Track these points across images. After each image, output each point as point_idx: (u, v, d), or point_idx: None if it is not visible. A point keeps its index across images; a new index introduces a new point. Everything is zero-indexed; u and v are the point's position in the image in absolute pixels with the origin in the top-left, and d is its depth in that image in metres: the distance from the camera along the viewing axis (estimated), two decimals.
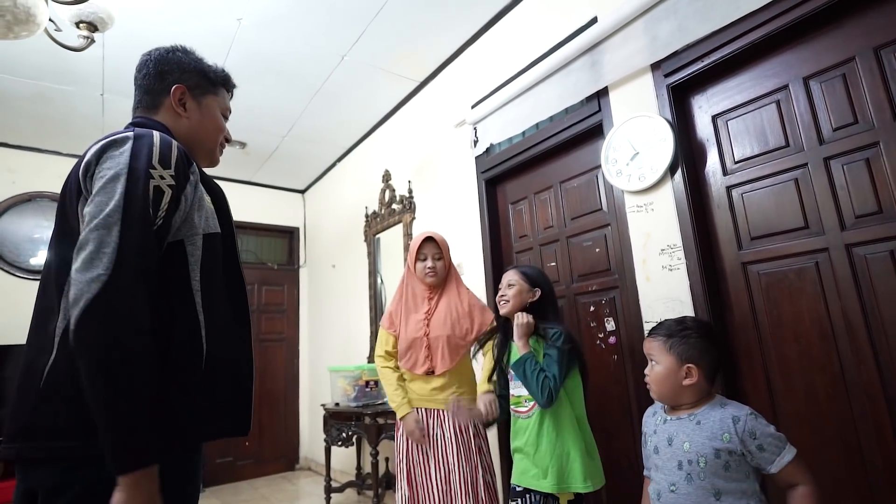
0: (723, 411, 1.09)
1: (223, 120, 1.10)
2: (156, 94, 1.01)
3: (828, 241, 1.39)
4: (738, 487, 1.04)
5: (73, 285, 0.73)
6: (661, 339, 1.17)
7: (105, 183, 0.79)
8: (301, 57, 2.77)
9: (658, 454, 1.16)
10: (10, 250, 3.48)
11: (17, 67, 2.70)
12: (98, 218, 0.76)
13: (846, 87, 1.37)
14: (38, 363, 0.78)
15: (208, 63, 1.08)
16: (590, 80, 1.99)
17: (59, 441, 0.75)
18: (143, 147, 0.84)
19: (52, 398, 0.76)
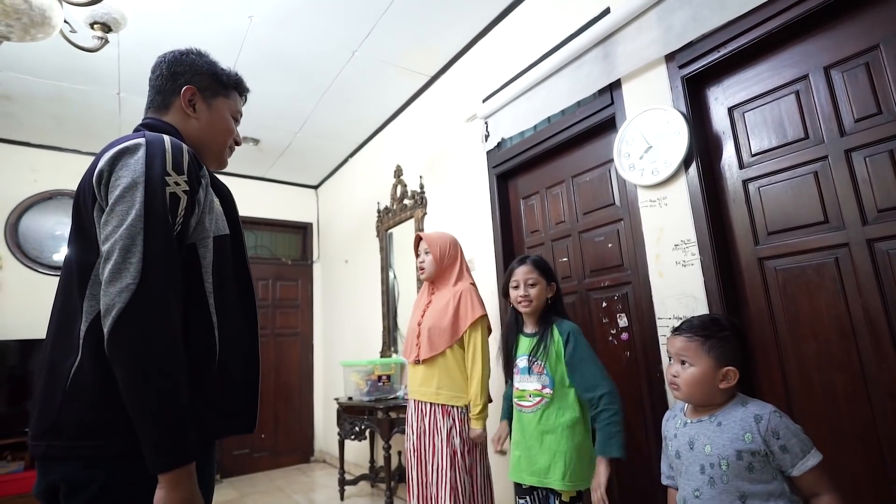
0: (744, 410, 1.04)
1: (233, 123, 1.11)
2: (167, 95, 1.02)
3: (848, 235, 1.34)
4: (764, 489, 0.99)
5: (103, 297, 0.75)
6: (698, 341, 1.09)
7: (123, 192, 0.80)
8: (312, 54, 2.77)
9: (680, 459, 1.11)
10: (33, 247, 3.58)
11: (38, 69, 2.76)
12: (121, 228, 0.78)
13: (869, 76, 1.33)
14: (65, 364, 0.80)
15: (222, 66, 1.08)
16: (602, 72, 1.96)
17: (84, 440, 0.78)
18: (157, 154, 0.85)
19: (77, 399, 0.79)
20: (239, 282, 0.98)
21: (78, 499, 0.77)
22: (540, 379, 1.52)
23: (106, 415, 0.78)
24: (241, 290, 0.98)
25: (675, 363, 1.13)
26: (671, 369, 1.13)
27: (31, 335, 3.29)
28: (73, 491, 0.77)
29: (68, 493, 0.78)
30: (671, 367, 1.14)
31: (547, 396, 1.51)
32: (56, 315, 0.88)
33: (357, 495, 3.33)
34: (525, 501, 1.55)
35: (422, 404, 1.89)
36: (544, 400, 1.51)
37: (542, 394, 1.52)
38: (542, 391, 1.52)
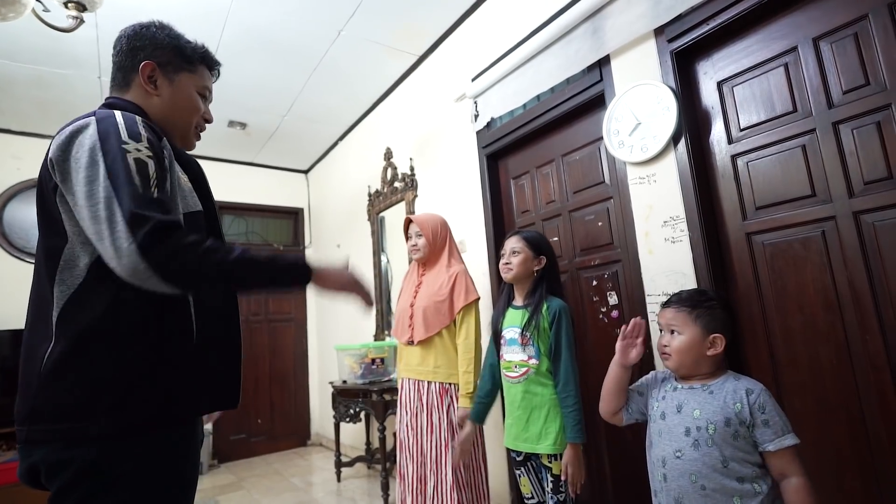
0: (737, 383, 1.10)
1: (200, 100, 1.05)
2: (127, 72, 0.97)
3: (835, 208, 1.34)
4: (744, 457, 1.05)
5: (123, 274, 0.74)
6: (685, 310, 1.15)
7: (85, 171, 0.77)
8: (297, 32, 2.71)
9: (665, 420, 1.16)
10: (19, 236, 3.53)
11: (15, 52, 2.68)
12: (98, 205, 0.75)
13: (858, 48, 1.31)
14: (39, 350, 0.80)
15: (187, 39, 1.02)
16: (591, 48, 1.93)
17: (61, 423, 0.77)
18: (109, 127, 0.82)
19: (52, 383, 0.78)
20: None
21: (58, 480, 0.77)
22: (526, 350, 1.54)
23: (82, 398, 0.77)
24: None
25: (665, 333, 1.18)
26: (662, 339, 1.19)
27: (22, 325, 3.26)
28: (52, 472, 0.78)
29: (49, 474, 0.78)
30: (662, 337, 1.19)
31: (532, 367, 1.53)
32: (31, 303, 0.87)
33: (354, 476, 3.37)
34: (521, 472, 1.60)
35: (419, 383, 1.90)
36: (530, 370, 1.53)
37: (528, 364, 1.54)
38: (527, 362, 1.54)
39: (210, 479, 3.61)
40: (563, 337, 1.51)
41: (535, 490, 1.57)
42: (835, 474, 1.35)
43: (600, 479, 2.01)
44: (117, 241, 0.73)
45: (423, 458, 1.82)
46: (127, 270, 0.73)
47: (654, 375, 1.28)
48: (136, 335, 0.81)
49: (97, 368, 0.79)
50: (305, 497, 3.06)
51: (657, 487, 1.16)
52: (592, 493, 2.03)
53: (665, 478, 1.12)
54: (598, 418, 1.97)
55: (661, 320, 1.21)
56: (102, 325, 0.80)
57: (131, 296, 0.80)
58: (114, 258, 0.74)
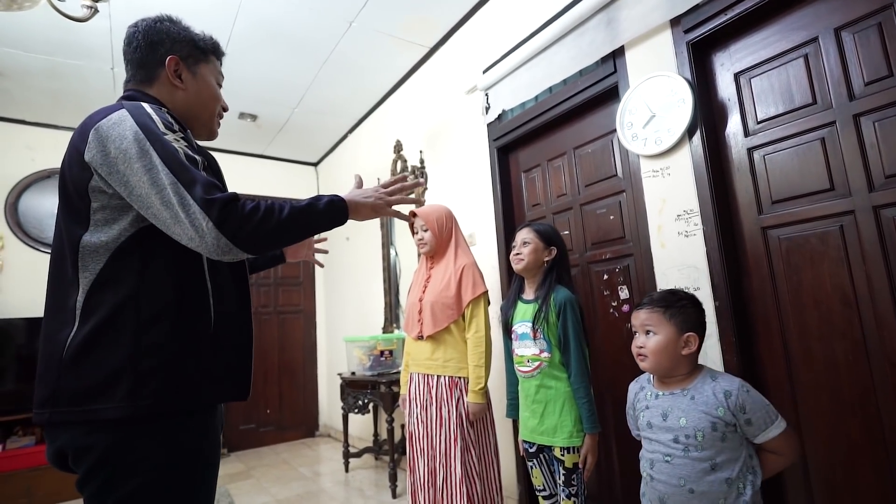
0: (714, 384, 1.11)
1: (218, 88, 1.08)
2: (150, 68, 0.98)
3: (854, 203, 1.32)
4: (732, 456, 1.08)
5: (210, 254, 0.80)
6: (659, 310, 1.16)
7: (140, 163, 0.79)
8: (308, 24, 2.71)
9: (651, 429, 1.17)
10: (33, 226, 3.58)
11: (29, 42, 2.70)
12: (165, 192, 0.79)
13: (881, 37, 1.28)
14: (60, 335, 0.82)
15: (196, 31, 1.05)
16: (605, 39, 1.91)
17: (82, 405, 0.79)
18: (144, 118, 0.84)
19: (74, 367, 0.80)
20: None
21: (84, 463, 0.80)
22: (537, 343, 1.54)
23: (102, 381, 0.79)
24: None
25: (640, 335, 1.19)
26: (636, 342, 1.20)
27: (36, 314, 3.32)
28: (78, 455, 0.80)
29: (75, 457, 0.81)
30: (636, 339, 1.20)
31: (545, 360, 1.53)
32: (50, 290, 0.88)
33: (361, 467, 3.40)
34: (533, 464, 1.61)
35: (429, 377, 1.89)
36: (543, 364, 1.53)
37: (540, 358, 1.54)
38: (539, 355, 1.54)
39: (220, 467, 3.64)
40: (571, 328, 1.51)
41: (547, 482, 1.57)
42: (849, 471, 1.33)
43: (609, 474, 2.01)
44: (196, 223, 0.78)
45: (432, 452, 1.83)
46: (211, 248, 0.79)
47: (632, 389, 1.30)
48: (157, 320, 0.83)
49: (119, 353, 0.80)
50: (314, 486, 3.09)
51: (643, 485, 1.19)
52: (601, 487, 2.04)
53: (651, 478, 1.15)
54: (607, 412, 1.98)
55: (635, 322, 1.21)
56: (124, 311, 0.81)
57: (152, 283, 0.83)
58: (195, 238, 0.79)
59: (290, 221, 0.86)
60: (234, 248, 0.80)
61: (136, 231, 0.84)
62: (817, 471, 1.39)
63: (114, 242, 0.83)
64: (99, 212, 0.83)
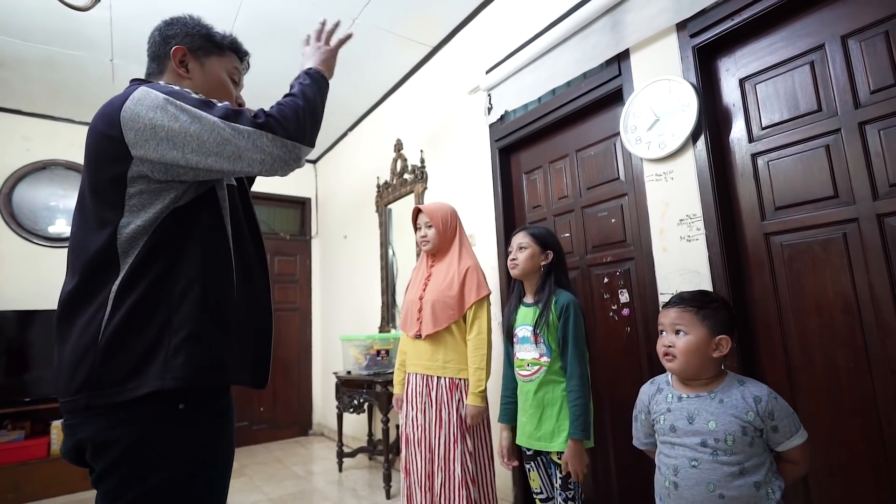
0: (743, 389, 1.09)
1: (230, 82, 1.08)
2: (160, 60, 1.02)
3: (858, 210, 1.32)
4: (759, 461, 1.06)
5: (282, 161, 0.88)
6: (692, 310, 1.13)
7: (178, 123, 0.82)
8: (310, 20, 2.68)
9: (675, 432, 1.13)
10: (28, 218, 3.53)
11: (27, 31, 2.67)
12: (216, 133, 0.83)
13: (888, 46, 1.28)
14: (94, 323, 0.81)
15: (217, 30, 1.08)
16: (610, 42, 1.90)
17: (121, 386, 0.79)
18: (162, 87, 0.88)
19: (111, 351, 0.80)
20: (251, 231, 1.01)
21: (104, 458, 0.79)
22: (538, 348, 1.53)
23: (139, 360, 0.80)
24: (254, 240, 1.01)
25: (668, 334, 1.16)
26: (664, 340, 1.16)
27: (28, 306, 3.28)
28: (98, 450, 0.79)
29: (95, 452, 0.80)
30: (664, 338, 1.17)
31: (545, 365, 1.52)
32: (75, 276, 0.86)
33: (355, 467, 3.38)
34: (531, 467, 1.59)
35: (428, 378, 1.87)
36: (542, 369, 1.52)
37: (540, 362, 1.52)
38: (539, 360, 1.53)
39: None
40: (571, 331, 1.49)
41: (545, 486, 1.56)
42: (848, 478, 1.33)
43: (606, 478, 2.00)
44: (258, 143, 0.84)
45: (430, 455, 1.81)
46: (282, 158, 0.87)
47: (646, 391, 1.26)
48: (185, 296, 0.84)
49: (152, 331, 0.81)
50: (307, 485, 3.07)
51: (663, 494, 1.14)
52: (598, 492, 2.03)
53: (676, 486, 1.10)
54: (605, 416, 1.97)
55: (663, 320, 1.17)
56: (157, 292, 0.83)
57: (182, 262, 0.85)
58: (265, 159, 0.85)
59: (307, 102, 0.94)
60: (299, 146, 0.88)
61: (172, 212, 0.86)
62: (816, 477, 1.39)
63: (151, 226, 0.84)
64: (135, 197, 0.84)
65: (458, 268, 1.89)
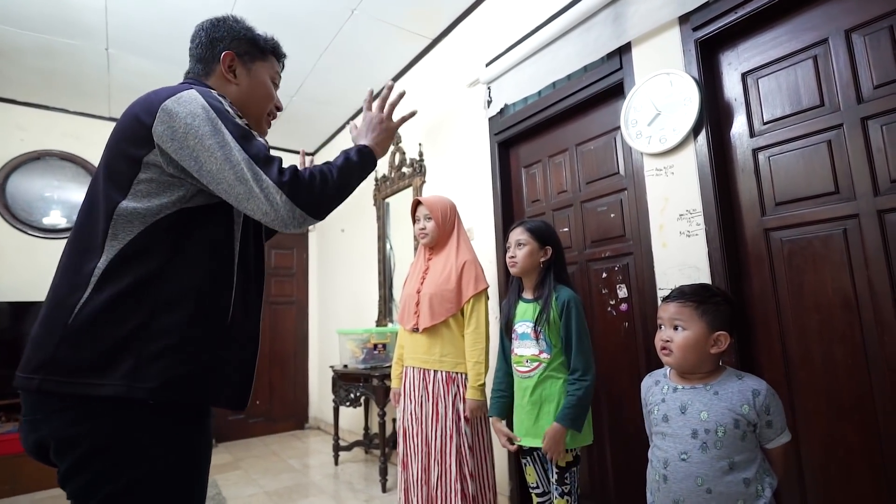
0: (741, 383, 1.08)
1: (273, 87, 1.10)
2: (207, 63, 1.02)
3: (859, 206, 1.32)
4: (748, 457, 1.05)
5: (279, 226, 0.85)
6: (692, 305, 1.12)
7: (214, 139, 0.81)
8: (309, 10, 2.66)
9: (668, 422, 1.13)
10: (22, 209, 3.50)
11: (22, 19, 2.63)
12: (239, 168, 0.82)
13: (892, 40, 1.27)
14: (70, 300, 0.78)
15: (258, 31, 1.08)
16: (612, 35, 1.89)
17: (80, 377, 0.74)
18: (212, 98, 0.87)
19: (78, 335, 0.76)
20: (256, 256, 0.98)
21: (69, 457, 0.75)
22: (537, 344, 1.52)
23: (105, 354, 0.76)
24: (256, 265, 0.97)
25: (667, 328, 1.15)
26: (662, 335, 1.16)
27: (23, 298, 3.26)
28: (62, 448, 0.75)
29: (58, 450, 0.75)
30: (662, 332, 1.16)
31: (544, 361, 1.51)
32: (68, 252, 0.85)
33: (351, 461, 3.38)
34: (527, 461, 1.58)
35: (425, 372, 1.87)
36: (541, 365, 1.51)
37: (539, 359, 1.51)
38: (538, 356, 1.52)
39: None
40: (574, 328, 1.49)
41: (541, 480, 1.56)
42: (844, 474, 1.33)
43: (602, 472, 2.00)
44: (270, 196, 0.82)
45: (427, 448, 1.81)
46: (285, 219, 0.83)
47: (645, 384, 1.26)
48: (179, 303, 0.81)
49: (128, 328, 0.77)
50: (303, 479, 3.07)
51: (654, 487, 1.14)
52: (594, 486, 2.03)
53: (665, 479, 1.10)
54: (602, 411, 1.97)
55: (662, 314, 1.17)
56: (146, 287, 0.79)
57: (182, 265, 0.82)
58: (269, 212, 0.83)
59: (341, 180, 0.91)
60: (307, 218, 0.85)
61: (178, 211, 0.83)
62: (813, 473, 1.39)
63: (151, 216, 0.81)
64: (144, 183, 0.82)
65: (455, 261, 1.88)
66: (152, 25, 2.67)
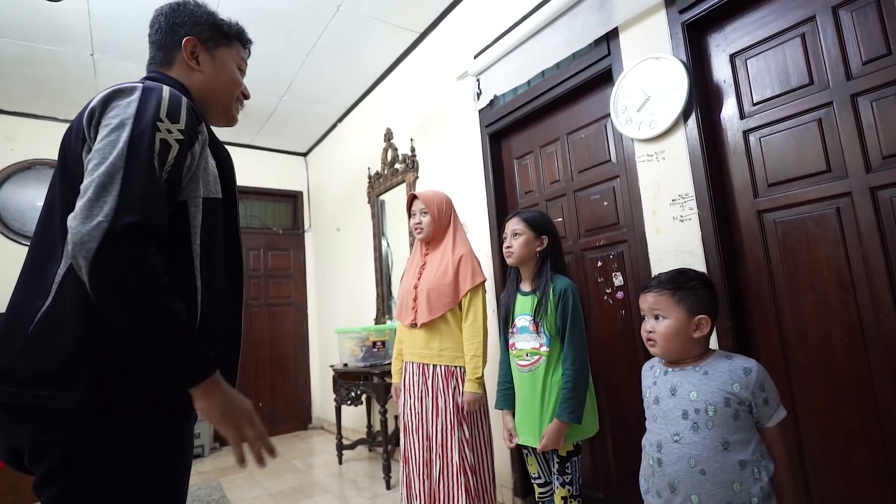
0: (731, 363, 1.08)
1: (239, 73, 1.06)
2: (168, 50, 0.97)
3: (851, 184, 1.30)
4: (743, 437, 1.04)
5: (71, 234, 0.69)
6: (668, 293, 1.12)
7: (109, 131, 0.76)
8: (295, 8, 2.64)
9: (659, 404, 1.13)
10: (14, 219, 3.48)
11: (2, 27, 2.60)
12: (101, 166, 0.73)
13: (880, 15, 1.26)
14: (31, 308, 0.76)
15: (222, 17, 1.04)
16: (599, 21, 1.87)
17: (36, 389, 0.72)
18: (152, 98, 0.80)
19: (40, 343, 0.74)
20: (228, 249, 0.93)
21: (44, 463, 0.73)
22: (538, 337, 1.51)
23: (65, 364, 0.73)
24: (231, 259, 0.94)
25: (648, 319, 1.15)
26: (645, 325, 1.16)
27: None
28: (36, 455, 0.73)
29: (32, 456, 0.74)
30: (645, 323, 1.16)
31: (544, 354, 1.50)
32: (29, 258, 0.83)
33: (355, 459, 3.38)
34: (528, 452, 1.58)
35: (424, 366, 1.87)
36: (541, 358, 1.50)
37: (539, 352, 1.50)
38: (539, 349, 1.51)
39: (212, 461, 3.62)
40: (569, 316, 1.48)
41: (542, 470, 1.55)
42: (843, 454, 1.33)
43: (604, 462, 2.00)
44: (94, 209, 0.69)
45: (428, 443, 1.80)
46: (77, 238, 0.68)
47: (642, 372, 1.26)
48: None
49: (92, 338, 0.74)
50: (307, 479, 3.07)
51: (648, 473, 1.14)
52: (595, 476, 2.03)
53: (660, 462, 1.09)
54: (601, 400, 1.96)
55: (643, 305, 1.17)
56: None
57: None
58: (79, 220, 0.69)
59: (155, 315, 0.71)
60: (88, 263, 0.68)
61: None
62: (812, 454, 1.39)
63: None
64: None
65: (452, 256, 1.87)
66: (136, 29, 2.64)
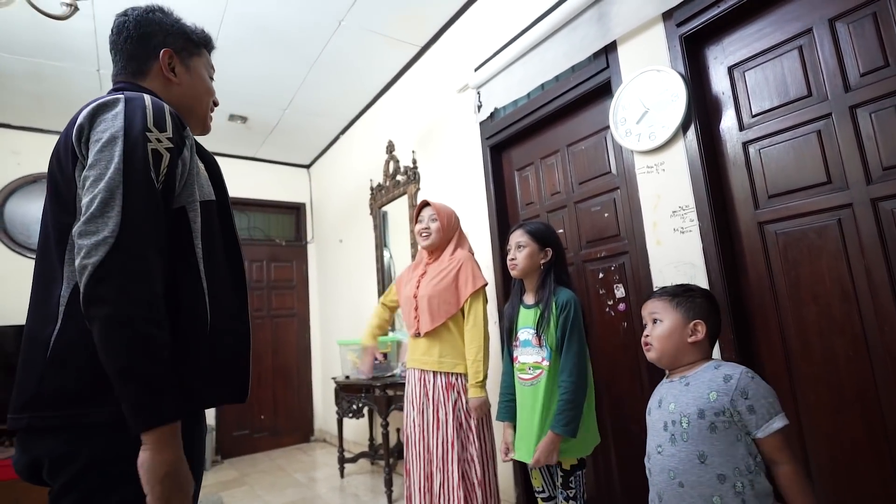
0: (715, 372, 1.05)
1: (210, 82, 1.06)
2: (142, 61, 0.95)
3: (852, 196, 1.30)
4: (720, 450, 0.98)
5: (77, 251, 0.71)
6: (667, 298, 1.15)
7: (102, 146, 0.76)
8: (297, 23, 2.67)
9: (650, 416, 1.15)
10: (20, 232, 3.51)
11: (12, 44, 2.65)
12: (100, 182, 0.74)
13: (877, 27, 1.26)
14: (43, 334, 0.77)
15: (187, 23, 1.03)
16: (597, 34, 1.88)
17: (68, 409, 0.74)
18: (137, 109, 0.80)
19: (59, 367, 0.75)
20: (227, 249, 0.95)
21: (63, 475, 0.74)
22: (539, 351, 1.50)
23: (90, 382, 0.74)
24: (230, 258, 0.95)
25: (648, 325, 1.17)
26: (645, 332, 1.17)
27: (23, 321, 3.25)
28: (57, 467, 0.74)
29: (52, 469, 0.75)
30: (644, 330, 1.18)
31: (545, 368, 1.49)
32: (35, 285, 0.84)
33: (357, 472, 3.35)
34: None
35: (425, 374, 1.87)
36: (543, 372, 1.49)
37: (541, 366, 1.49)
38: (541, 363, 1.50)
39: (213, 475, 3.60)
40: (570, 327, 1.47)
41: (546, 484, 1.54)
42: (850, 467, 1.31)
43: (608, 475, 1.98)
44: (99, 226, 0.71)
45: (429, 456, 1.79)
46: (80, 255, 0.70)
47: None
48: None
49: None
50: (309, 493, 3.04)
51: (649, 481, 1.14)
52: (599, 490, 2.00)
53: (650, 472, 1.11)
54: (604, 412, 1.95)
55: (643, 313, 1.19)
56: None
57: None
58: (83, 233, 0.71)
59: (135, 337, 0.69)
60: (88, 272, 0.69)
61: None
62: (818, 466, 1.37)
63: None
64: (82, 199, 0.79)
65: (452, 262, 1.89)
66: None
